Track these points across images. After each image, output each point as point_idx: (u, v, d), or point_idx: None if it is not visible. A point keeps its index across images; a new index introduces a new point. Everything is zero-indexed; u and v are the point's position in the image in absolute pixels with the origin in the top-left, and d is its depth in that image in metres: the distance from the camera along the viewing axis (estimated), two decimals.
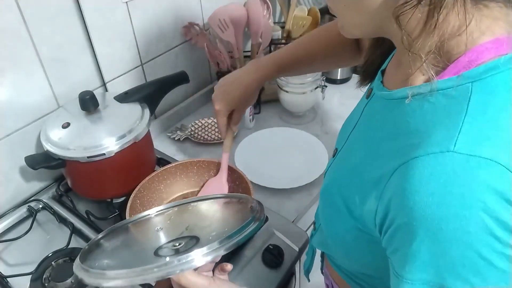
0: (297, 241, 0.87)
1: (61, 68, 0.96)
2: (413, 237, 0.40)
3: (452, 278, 0.39)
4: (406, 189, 0.40)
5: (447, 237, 0.38)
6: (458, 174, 0.38)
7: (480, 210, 0.37)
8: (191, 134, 1.22)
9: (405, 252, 0.41)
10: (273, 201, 1.00)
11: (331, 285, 0.76)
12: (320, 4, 1.72)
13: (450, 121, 0.40)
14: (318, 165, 1.07)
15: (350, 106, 0.67)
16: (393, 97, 0.48)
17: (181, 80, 1.08)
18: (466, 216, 0.37)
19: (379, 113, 0.52)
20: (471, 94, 0.40)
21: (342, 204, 0.53)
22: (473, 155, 0.37)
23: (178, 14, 1.18)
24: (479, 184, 0.37)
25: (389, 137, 0.47)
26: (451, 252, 0.38)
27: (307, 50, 0.83)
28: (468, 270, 0.38)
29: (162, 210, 0.71)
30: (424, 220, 0.39)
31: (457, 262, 0.38)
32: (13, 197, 0.99)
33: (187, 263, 0.49)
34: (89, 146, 0.86)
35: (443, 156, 0.38)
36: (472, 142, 0.38)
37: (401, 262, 0.42)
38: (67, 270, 0.82)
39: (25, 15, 0.86)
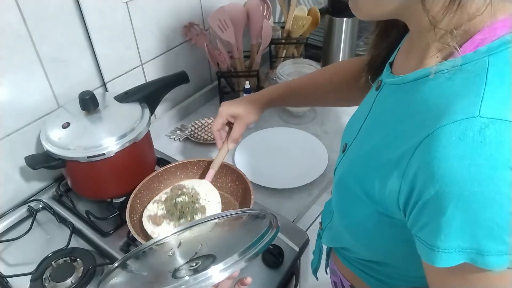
0: (297, 241, 0.87)
1: (61, 68, 0.96)
2: (446, 204, 0.40)
3: (489, 241, 0.40)
4: (435, 157, 0.40)
5: (480, 200, 0.39)
6: (485, 136, 0.39)
7: (509, 169, 0.38)
8: (191, 134, 1.22)
9: (437, 222, 0.42)
10: (273, 201, 1.00)
11: (340, 281, 0.76)
12: (320, 4, 1.72)
13: (471, 92, 0.41)
14: (318, 165, 1.07)
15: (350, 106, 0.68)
16: (406, 80, 0.49)
17: (181, 80, 1.08)
18: (497, 176, 0.38)
19: (391, 99, 0.54)
20: (489, 66, 0.41)
21: (361, 192, 0.54)
22: (498, 119, 0.39)
23: (178, 14, 1.18)
24: (507, 145, 0.38)
25: (406, 117, 0.47)
26: (486, 215, 0.39)
27: (313, 81, 0.88)
28: (504, 231, 0.39)
29: (172, 234, 0.70)
30: (456, 185, 0.39)
31: (492, 224, 0.39)
32: (13, 197, 0.99)
33: (206, 280, 0.49)
34: (89, 146, 0.86)
35: (469, 122, 0.39)
36: (495, 107, 0.39)
37: (434, 233, 0.42)
38: (67, 270, 0.82)
39: (25, 15, 0.86)
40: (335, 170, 0.65)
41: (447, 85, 0.44)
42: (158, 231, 0.81)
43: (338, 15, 1.32)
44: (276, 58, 1.43)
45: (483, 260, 0.40)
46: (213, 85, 1.38)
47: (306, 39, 1.40)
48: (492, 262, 0.40)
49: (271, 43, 1.37)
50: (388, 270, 0.64)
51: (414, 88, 0.48)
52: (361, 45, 1.59)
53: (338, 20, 1.33)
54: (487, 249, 0.40)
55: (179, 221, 0.82)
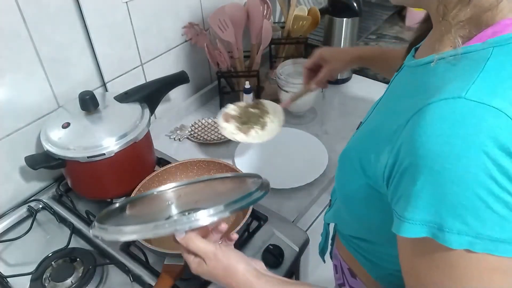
0: (297, 241, 0.87)
1: (61, 68, 0.96)
2: (417, 176, 0.42)
3: (451, 218, 0.41)
4: (416, 131, 0.42)
5: (449, 177, 0.40)
6: (465, 117, 0.40)
7: (482, 152, 0.39)
8: (191, 134, 1.22)
9: (408, 193, 0.43)
10: (273, 201, 1.00)
11: (340, 264, 0.78)
12: (320, 4, 1.72)
13: (466, 76, 0.42)
14: (318, 165, 1.07)
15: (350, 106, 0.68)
16: (419, 64, 0.51)
17: (181, 80, 1.08)
18: (468, 156, 0.39)
19: (403, 81, 0.56)
20: (491, 56, 0.43)
21: (358, 165, 0.55)
22: (483, 103, 0.40)
23: (178, 14, 1.18)
24: (485, 130, 0.39)
25: (407, 96, 0.49)
26: (452, 192, 0.40)
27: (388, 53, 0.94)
28: (467, 211, 0.40)
29: (174, 187, 0.75)
30: (429, 159, 0.41)
31: (457, 202, 0.40)
32: (13, 197, 0.99)
33: (195, 221, 0.56)
34: (89, 146, 0.86)
35: (454, 102, 0.41)
36: (483, 92, 0.40)
37: (404, 204, 0.44)
38: (67, 270, 0.82)
39: (25, 15, 0.86)
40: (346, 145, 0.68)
41: (449, 69, 0.45)
42: (225, 125, 0.98)
43: (338, 15, 1.32)
44: (276, 58, 1.43)
45: (443, 237, 0.41)
46: (213, 85, 1.38)
47: (306, 39, 1.40)
48: (451, 240, 0.41)
49: (271, 43, 1.37)
50: (377, 250, 0.65)
51: (423, 70, 0.50)
52: (361, 45, 1.59)
53: (338, 20, 1.33)
54: (449, 226, 0.41)
55: (242, 125, 0.98)
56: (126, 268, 0.82)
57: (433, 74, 0.47)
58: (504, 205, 0.40)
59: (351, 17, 1.32)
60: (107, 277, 0.84)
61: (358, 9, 1.30)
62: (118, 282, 0.83)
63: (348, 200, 0.63)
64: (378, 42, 1.60)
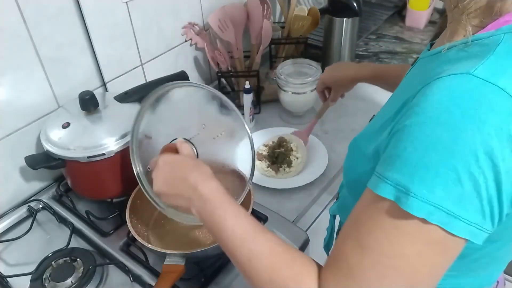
0: (297, 241, 0.87)
1: (61, 68, 0.96)
2: (405, 137, 0.43)
3: (420, 184, 0.42)
4: (419, 100, 0.43)
5: (435, 142, 0.41)
6: (469, 92, 0.41)
7: (476, 130, 0.40)
8: None
9: (392, 152, 0.44)
10: (273, 201, 1.00)
11: None
12: (320, 4, 1.72)
13: (476, 58, 0.43)
14: (318, 165, 1.07)
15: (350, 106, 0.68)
16: (432, 53, 0.53)
17: (181, 80, 1.08)
18: (461, 128, 0.40)
19: (416, 71, 0.56)
20: (502, 41, 0.44)
21: (366, 149, 0.56)
22: (489, 81, 0.41)
23: (178, 14, 1.18)
24: (484, 106, 0.40)
25: (418, 81, 0.49)
26: (431, 158, 0.41)
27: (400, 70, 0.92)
28: (437, 180, 0.41)
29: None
30: (422, 123, 0.42)
31: (432, 169, 0.41)
32: (13, 197, 0.99)
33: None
34: (89, 146, 0.86)
35: (461, 77, 0.42)
36: (491, 72, 0.41)
37: (385, 162, 0.45)
38: (67, 270, 0.82)
39: (25, 15, 0.86)
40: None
41: (462, 55, 0.46)
42: (257, 163, 1.08)
43: (338, 15, 1.32)
44: (276, 58, 1.43)
45: (407, 201, 0.42)
46: (213, 85, 1.38)
47: (306, 39, 1.40)
48: (413, 205, 0.42)
49: (271, 43, 1.36)
50: None
51: (434, 59, 0.51)
52: (361, 45, 1.59)
53: (338, 20, 1.33)
54: (415, 191, 0.42)
55: (272, 164, 1.09)
56: (126, 268, 0.82)
57: (444, 59, 0.48)
58: (473, 185, 0.40)
59: (351, 17, 1.32)
60: (107, 277, 0.84)
61: (358, 9, 1.30)
62: (118, 282, 0.83)
63: (354, 186, 0.62)
64: (378, 42, 1.60)
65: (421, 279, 0.45)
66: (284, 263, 0.52)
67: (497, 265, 0.65)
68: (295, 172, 1.07)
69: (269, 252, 0.53)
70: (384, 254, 0.44)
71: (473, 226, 0.42)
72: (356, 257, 0.46)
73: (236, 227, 0.55)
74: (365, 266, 0.45)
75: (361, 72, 1.00)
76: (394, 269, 0.44)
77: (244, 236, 0.55)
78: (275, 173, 1.08)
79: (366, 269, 0.45)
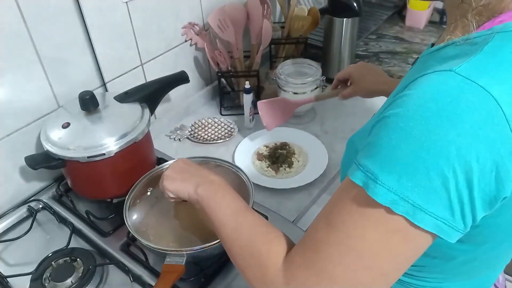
0: (297, 241, 0.87)
1: (61, 68, 0.96)
2: (383, 127, 0.44)
3: (388, 173, 0.42)
4: (404, 94, 0.45)
5: (409, 135, 0.41)
6: (449, 88, 0.41)
7: (450, 126, 0.40)
8: (191, 134, 1.22)
9: (370, 141, 0.45)
10: (273, 201, 1.00)
11: None
12: (320, 4, 1.72)
13: (464, 57, 0.44)
14: (318, 165, 1.07)
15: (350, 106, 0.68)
16: (430, 51, 0.53)
17: (181, 80, 1.08)
18: (434, 123, 0.40)
19: (414, 69, 0.57)
20: (491, 40, 0.44)
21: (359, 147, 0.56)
22: (470, 79, 0.41)
23: (178, 14, 1.18)
24: (463, 105, 0.40)
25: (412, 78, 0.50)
26: (402, 149, 0.42)
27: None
28: (405, 170, 0.42)
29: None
30: (400, 116, 0.43)
31: (402, 159, 0.42)
32: (13, 197, 0.99)
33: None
34: (89, 146, 0.86)
35: (444, 74, 0.43)
36: (474, 70, 0.42)
37: (362, 150, 0.46)
38: (67, 270, 0.82)
39: (25, 15, 0.86)
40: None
41: (454, 53, 0.46)
42: (257, 163, 1.10)
43: (338, 15, 1.32)
44: (276, 58, 1.43)
45: (374, 188, 0.43)
46: (213, 85, 1.38)
47: (306, 39, 1.40)
48: (379, 193, 0.43)
49: (271, 43, 1.37)
50: None
51: (431, 56, 0.51)
52: (361, 45, 1.59)
53: (338, 20, 1.33)
54: (382, 179, 0.43)
55: (272, 165, 1.09)
56: (126, 268, 0.82)
57: (438, 57, 0.48)
58: (442, 181, 0.41)
59: (351, 17, 1.32)
60: (107, 277, 0.84)
61: (358, 9, 1.30)
62: (118, 282, 0.83)
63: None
64: (378, 42, 1.60)
65: (380, 264, 0.46)
66: (261, 235, 0.58)
67: (491, 269, 0.65)
68: (295, 172, 1.08)
69: (249, 227, 0.60)
70: (348, 235, 0.46)
71: (440, 221, 0.42)
72: (323, 234, 0.49)
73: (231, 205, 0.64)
74: (329, 243, 0.48)
75: (387, 85, 0.97)
76: (354, 250, 0.46)
77: (234, 213, 0.62)
78: (275, 173, 1.08)
79: (329, 246, 0.48)
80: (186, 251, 0.75)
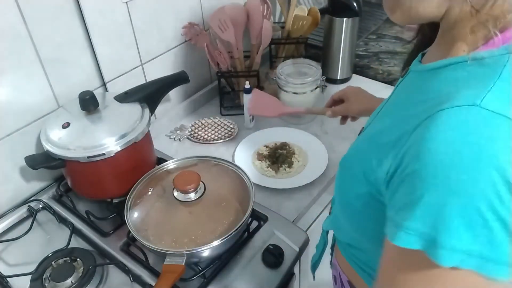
0: (297, 241, 0.87)
1: (61, 68, 0.96)
2: (420, 184, 0.40)
3: (447, 233, 0.39)
4: (425, 137, 0.40)
5: (453, 187, 0.38)
6: (479, 127, 0.38)
7: (492, 167, 0.37)
8: (191, 134, 1.22)
9: (408, 200, 0.42)
10: (273, 201, 1.00)
11: (339, 275, 0.77)
12: (320, 4, 1.73)
13: (481, 83, 0.41)
14: (318, 165, 1.07)
15: None
16: (427, 69, 0.50)
17: (181, 80, 1.08)
18: (477, 168, 0.37)
19: (410, 86, 0.54)
20: (507, 63, 0.41)
21: (359, 171, 0.54)
22: (498, 113, 0.38)
23: (178, 14, 1.18)
24: (499, 141, 0.38)
25: (417, 102, 0.47)
26: (453, 203, 0.39)
27: None
28: (463, 225, 0.39)
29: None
30: (434, 167, 0.39)
31: (455, 214, 0.39)
32: (13, 197, 0.99)
33: None
34: (89, 146, 0.86)
35: (468, 109, 0.39)
36: (499, 101, 0.39)
37: (401, 211, 0.43)
38: (67, 270, 0.82)
39: (25, 15, 0.86)
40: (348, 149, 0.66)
41: (462, 75, 0.44)
42: (257, 163, 1.11)
43: (338, 15, 1.32)
44: (276, 58, 1.43)
45: (435, 252, 0.40)
46: (213, 85, 1.38)
47: (306, 39, 1.40)
48: (443, 257, 0.40)
49: (271, 43, 1.37)
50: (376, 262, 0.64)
51: (433, 76, 0.48)
52: (361, 45, 1.59)
53: (338, 20, 1.33)
54: (443, 241, 0.40)
55: (272, 164, 1.09)
56: (126, 268, 0.82)
57: (444, 79, 0.46)
58: (501, 223, 0.38)
59: (351, 17, 1.32)
60: (107, 277, 0.84)
61: (358, 9, 1.30)
62: (118, 282, 0.83)
63: (347, 207, 0.61)
64: (378, 42, 1.60)
65: None
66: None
67: None
68: (295, 172, 1.08)
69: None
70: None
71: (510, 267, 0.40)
72: None
73: None
74: None
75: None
76: None
77: None
78: (275, 173, 1.08)
79: None
80: (186, 251, 0.75)
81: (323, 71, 1.36)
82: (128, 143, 0.88)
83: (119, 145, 0.87)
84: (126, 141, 0.88)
